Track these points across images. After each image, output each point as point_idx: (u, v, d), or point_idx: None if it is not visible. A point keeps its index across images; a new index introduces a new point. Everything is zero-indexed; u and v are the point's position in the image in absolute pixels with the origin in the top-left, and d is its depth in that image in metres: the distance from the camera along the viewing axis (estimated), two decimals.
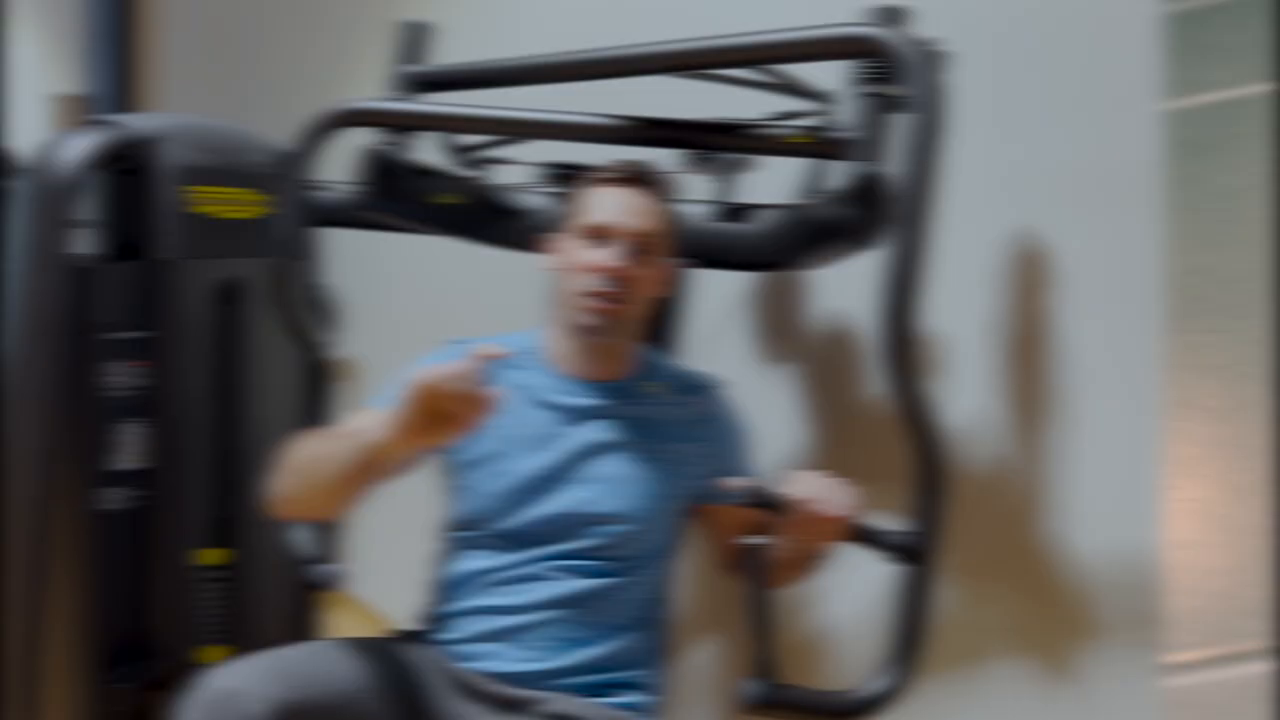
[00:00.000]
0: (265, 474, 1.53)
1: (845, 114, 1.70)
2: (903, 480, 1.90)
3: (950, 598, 1.84)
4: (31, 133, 2.31)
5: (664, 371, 1.75)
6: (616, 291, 1.58)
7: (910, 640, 1.48)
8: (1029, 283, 1.79)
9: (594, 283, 1.58)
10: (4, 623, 1.93)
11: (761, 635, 1.43)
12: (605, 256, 1.58)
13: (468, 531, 1.66)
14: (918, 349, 1.50)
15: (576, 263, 1.60)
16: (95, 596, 2.09)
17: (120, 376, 2.11)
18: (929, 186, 1.48)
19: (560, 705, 1.55)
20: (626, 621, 1.64)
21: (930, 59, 1.56)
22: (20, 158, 2.12)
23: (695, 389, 1.75)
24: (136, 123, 2.08)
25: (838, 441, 2.12)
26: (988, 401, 1.84)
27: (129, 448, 2.13)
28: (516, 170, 2.21)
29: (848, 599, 2.10)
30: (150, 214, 2.13)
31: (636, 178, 1.65)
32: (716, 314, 2.35)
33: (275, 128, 2.60)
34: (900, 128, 1.65)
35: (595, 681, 1.60)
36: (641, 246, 1.60)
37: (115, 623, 2.14)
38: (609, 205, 1.61)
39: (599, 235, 1.59)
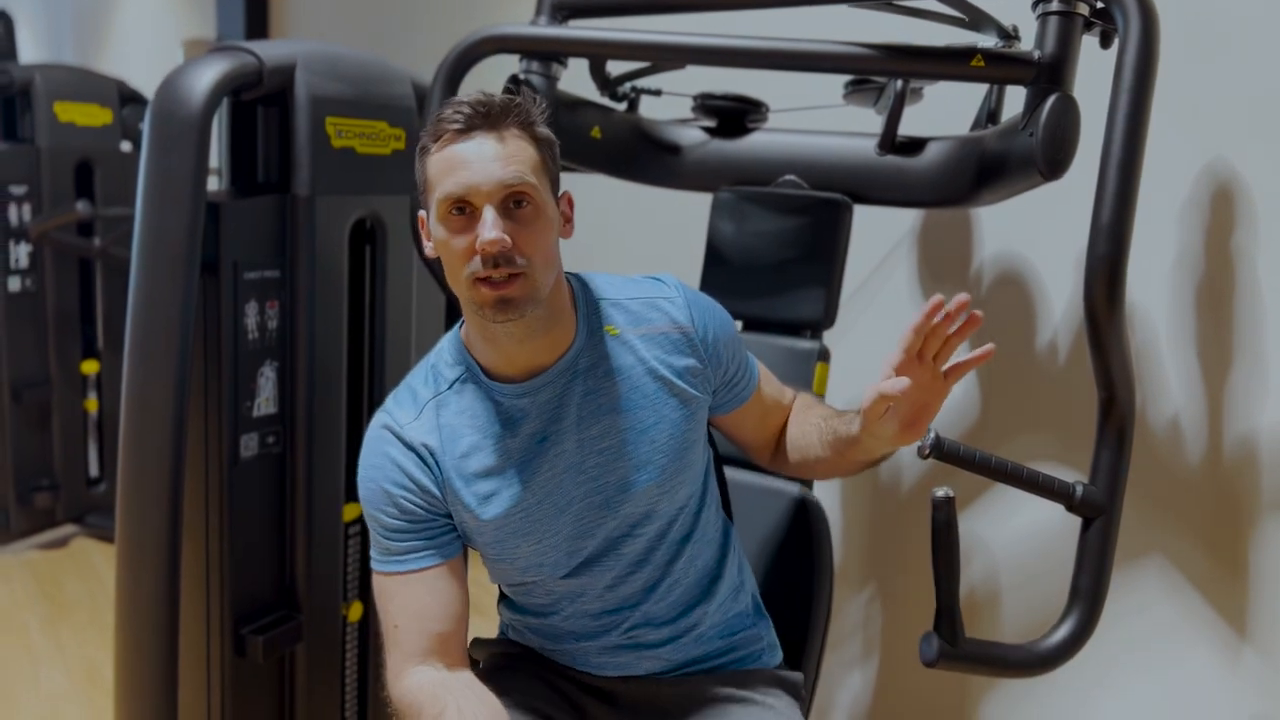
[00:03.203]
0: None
1: (1033, 36, 1.59)
2: (1072, 429, 1.83)
3: (1126, 547, 1.77)
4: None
5: (609, 307, 1.43)
6: (507, 270, 1.26)
7: (1093, 593, 1.44)
8: (1220, 220, 1.67)
9: (477, 267, 1.26)
10: (140, 573, 1.89)
11: (945, 589, 1.35)
12: (479, 231, 1.25)
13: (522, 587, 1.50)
14: (1124, 297, 1.40)
15: (448, 252, 1.29)
16: (232, 546, 2.05)
17: (254, 317, 2.05)
18: (1144, 112, 1.38)
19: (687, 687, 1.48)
20: (706, 578, 1.50)
21: None
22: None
23: (649, 309, 1.44)
24: (270, 50, 1.99)
25: (1005, 390, 2.05)
26: (1172, 346, 1.74)
27: (264, 392, 2.08)
28: (671, 102, 2.14)
29: (1007, 550, 2.05)
30: (285, 147, 2.06)
31: (483, 114, 1.28)
32: (878, 254, 2.28)
33: (413, 58, 2.56)
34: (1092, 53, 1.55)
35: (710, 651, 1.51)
36: (518, 198, 1.27)
37: (253, 574, 2.11)
38: (460, 166, 1.26)
39: (463, 205, 1.27)
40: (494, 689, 1.36)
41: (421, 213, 1.35)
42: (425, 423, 1.39)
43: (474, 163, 1.26)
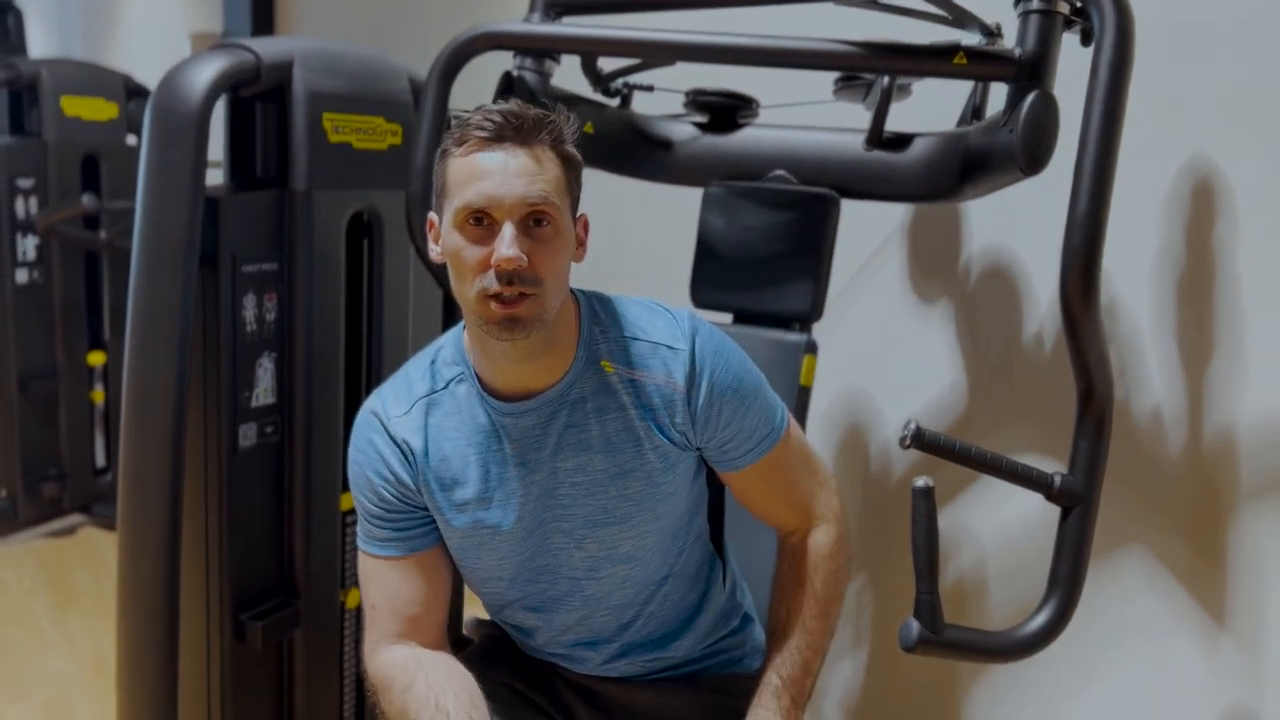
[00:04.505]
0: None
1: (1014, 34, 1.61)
2: (1059, 421, 1.86)
3: (1108, 539, 1.79)
4: None
5: (611, 342, 1.38)
6: (520, 289, 1.23)
7: (1070, 580, 1.47)
8: (1201, 214, 1.69)
9: (490, 283, 1.23)
10: (141, 560, 1.93)
11: (925, 577, 1.38)
12: (494, 246, 1.22)
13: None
14: (1099, 289, 1.43)
15: (460, 261, 1.26)
16: (232, 534, 2.08)
17: (252, 310, 2.08)
18: (1119, 108, 1.41)
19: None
20: (687, 613, 1.51)
21: None
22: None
23: (649, 356, 1.37)
24: (269, 46, 2.02)
25: (992, 383, 2.08)
26: (1154, 338, 1.77)
27: (262, 383, 2.12)
28: (661, 97, 2.17)
29: (995, 540, 2.08)
30: (283, 142, 2.09)
31: (513, 127, 1.25)
32: (867, 249, 2.31)
33: (411, 54, 2.59)
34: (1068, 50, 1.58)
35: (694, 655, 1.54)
36: (539, 217, 1.25)
37: (252, 561, 2.14)
38: (484, 176, 1.23)
39: (482, 216, 1.24)
40: (482, 666, 1.40)
41: (432, 215, 1.33)
42: (413, 420, 1.39)
43: (499, 175, 1.23)
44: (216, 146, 1.97)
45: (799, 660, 1.40)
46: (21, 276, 3.81)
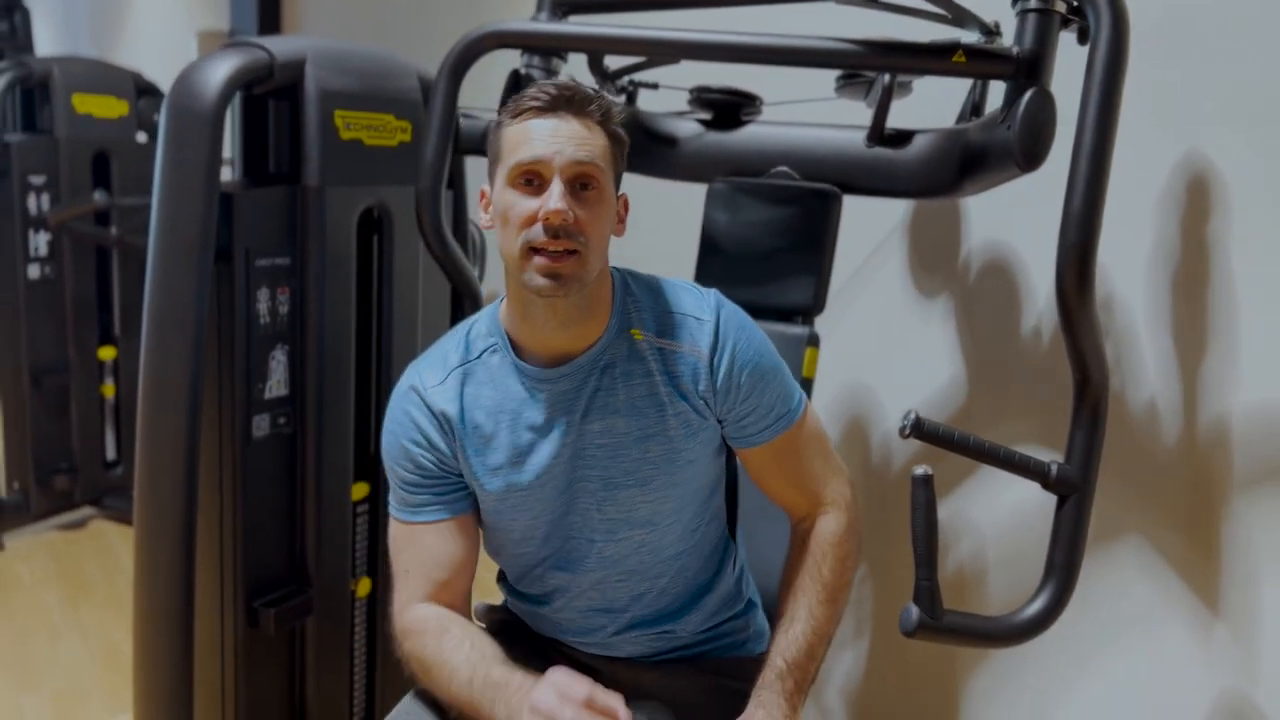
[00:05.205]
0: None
1: (1013, 33, 1.64)
2: (1057, 413, 1.89)
3: (1104, 530, 1.82)
4: (180, 69, 2.32)
5: (644, 311, 1.45)
6: (565, 243, 1.30)
7: (1067, 567, 1.49)
8: (1196, 210, 1.73)
9: (536, 235, 1.30)
10: (158, 547, 1.97)
11: (924, 563, 1.41)
12: (543, 201, 1.30)
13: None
14: (1094, 282, 1.47)
15: (510, 215, 1.33)
16: (245, 523, 2.13)
17: (265, 303, 2.12)
18: (1114, 106, 1.44)
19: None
20: (697, 590, 1.55)
21: None
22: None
23: (678, 326, 1.44)
24: (282, 45, 2.06)
25: (991, 375, 2.11)
26: (1149, 332, 1.80)
27: (275, 375, 2.16)
28: (666, 95, 2.20)
29: (994, 529, 2.10)
30: (295, 139, 2.13)
31: (566, 99, 1.34)
32: (869, 245, 2.34)
33: (415, 51, 2.62)
34: (1069, 47, 1.61)
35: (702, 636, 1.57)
36: (585, 181, 1.33)
37: (265, 549, 2.18)
38: (538, 138, 1.32)
39: (531, 176, 1.32)
40: None
41: (484, 185, 1.42)
42: (449, 390, 1.45)
43: (551, 137, 1.31)
44: (227, 144, 2.01)
45: (804, 645, 1.43)
46: (34, 272, 3.85)
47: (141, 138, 4.08)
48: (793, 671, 1.42)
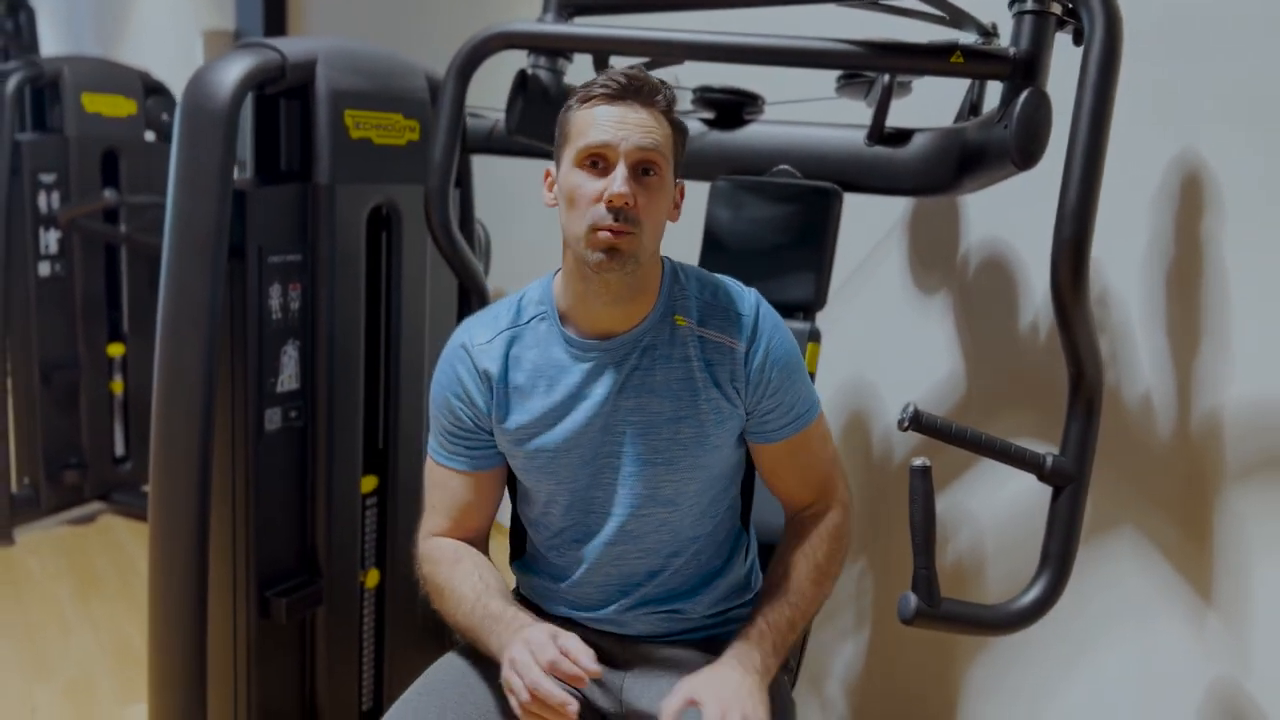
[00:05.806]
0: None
1: (1010, 33, 1.68)
2: (1054, 407, 1.92)
3: (1099, 521, 1.85)
4: (185, 68, 2.36)
5: (689, 299, 1.51)
6: (626, 226, 1.37)
7: (1061, 557, 1.52)
8: (1190, 207, 1.76)
9: (598, 215, 1.37)
10: (172, 538, 2.02)
11: (922, 552, 1.44)
12: (607, 183, 1.37)
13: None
14: (1088, 277, 1.50)
15: (576, 195, 1.40)
16: (257, 514, 2.17)
17: (277, 299, 2.16)
18: (1107, 106, 1.48)
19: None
20: (709, 574, 1.59)
21: None
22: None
23: (718, 316, 1.51)
24: (293, 46, 2.10)
25: (989, 370, 2.13)
26: (1144, 326, 1.83)
27: (286, 369, 2.20)
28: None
29: (992, 521, 2.13)
30: (306, 138, 2.17)
31: (634, 88, 1.40)
32: (869, 242, 2.37)
33: (419, 51, 2.65)
34: (1063, 47, 1.64)
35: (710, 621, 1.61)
36: (648, 166, 1.39)
37: (276, 540, 2.23)
38: (605, 123, 1.38)
39: (597, 159, 1.39)
40: None
41: (548, 166, 1.48)
42: (495, 349, 1.51)
43: (618, 124, 1.38)
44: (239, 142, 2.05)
45: (787, 614, 1.47)
46: (44, 269, 3.88)
47: (150, 136, 4.11)
48: (772, 632, 1.45)
